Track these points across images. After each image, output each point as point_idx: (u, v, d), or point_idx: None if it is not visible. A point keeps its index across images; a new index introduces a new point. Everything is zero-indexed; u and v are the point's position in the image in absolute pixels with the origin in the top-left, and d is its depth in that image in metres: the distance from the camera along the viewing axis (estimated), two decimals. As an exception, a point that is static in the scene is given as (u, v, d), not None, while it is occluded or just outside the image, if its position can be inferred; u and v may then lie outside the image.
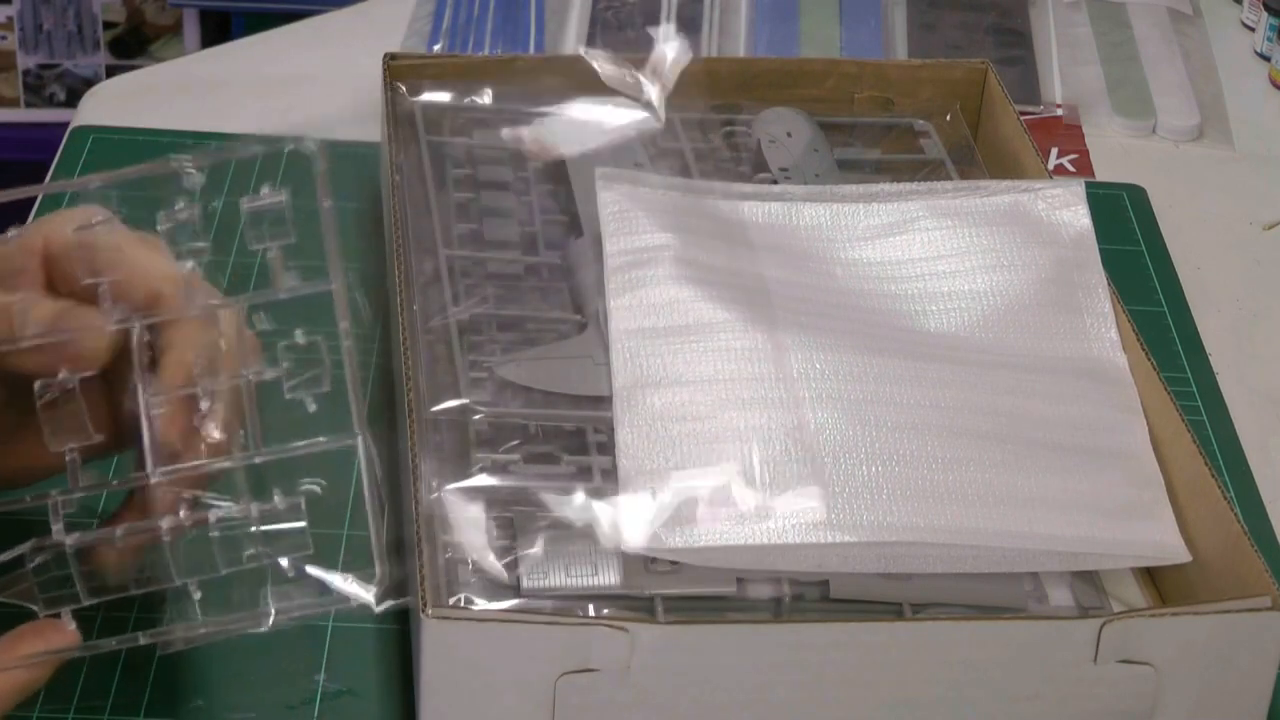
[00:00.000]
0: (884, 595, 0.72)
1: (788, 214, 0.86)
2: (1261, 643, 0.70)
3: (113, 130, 1.06)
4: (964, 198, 0.87)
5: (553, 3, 1.24)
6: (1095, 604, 0.74)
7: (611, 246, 0.82)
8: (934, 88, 1.01)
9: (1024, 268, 0.84)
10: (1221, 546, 0.73)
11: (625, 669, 0.67)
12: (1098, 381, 0.80)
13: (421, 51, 1.17)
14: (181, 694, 0.73)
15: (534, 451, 0.76)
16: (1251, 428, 0.91)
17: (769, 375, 0.76)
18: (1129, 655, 0.69)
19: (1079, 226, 0.86)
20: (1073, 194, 0.87)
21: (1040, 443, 0.77)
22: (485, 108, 0.96)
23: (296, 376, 0.70)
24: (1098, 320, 0.83)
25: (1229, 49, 1.26)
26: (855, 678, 0.69)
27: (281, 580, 0.67)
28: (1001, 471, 0.75)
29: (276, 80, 1.15)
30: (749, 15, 1.25)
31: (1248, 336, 0.98)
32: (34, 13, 2.34)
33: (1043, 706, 0.70)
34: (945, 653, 0.69)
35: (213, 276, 0.74)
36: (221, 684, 0.73)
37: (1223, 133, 1.17)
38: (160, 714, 0.72)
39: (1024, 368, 0.80)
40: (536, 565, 0.71)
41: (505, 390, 0.78)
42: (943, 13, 1.27)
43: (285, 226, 0.72)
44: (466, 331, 0.81)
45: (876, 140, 0.99)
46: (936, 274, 0.84)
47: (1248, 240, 1.07)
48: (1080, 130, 1.16)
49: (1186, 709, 0.70)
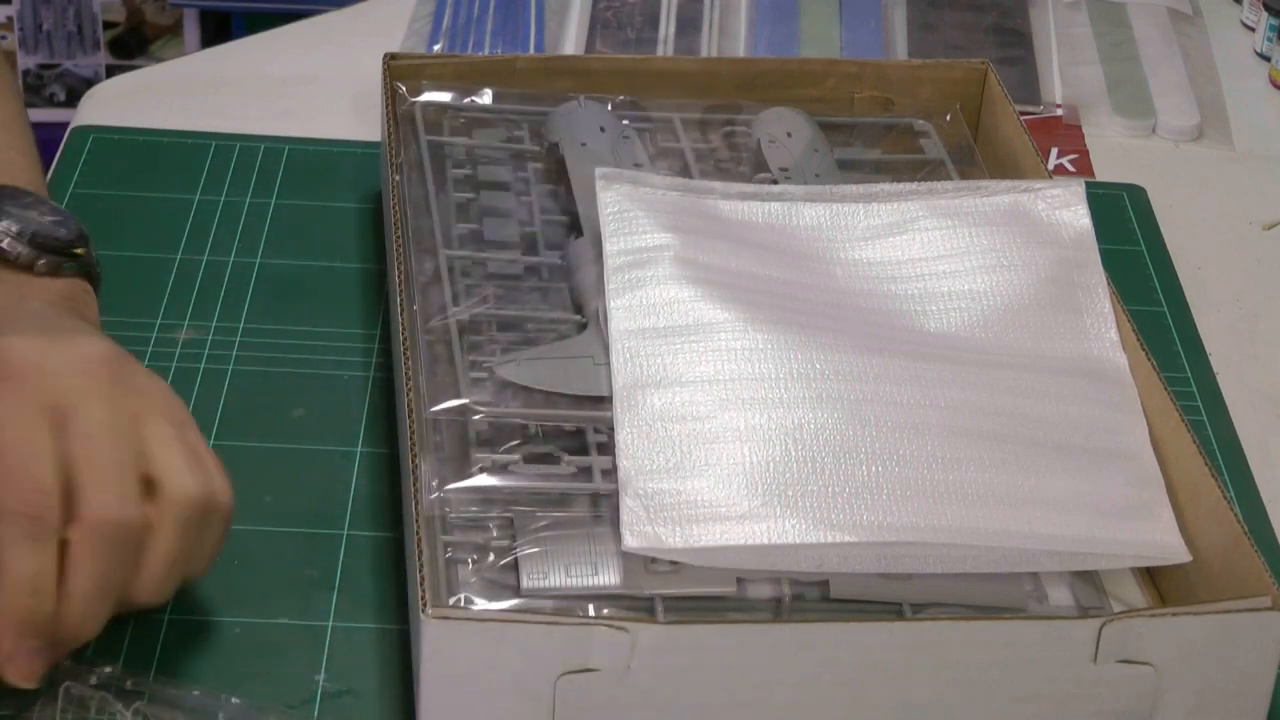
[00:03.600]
0: (884, 595, 0.72)
1: (788, 214, 0.86)
2: (1261, 643, 0.70)
3: (113, 130, 1.06)
4: (964, 198, 0.87)
5: (553, 3, 1.24)
6: (1095, 604, 0.74)
7: (611, 246, 0.82)
8: (934, 88, 1.01)
9: (1024, 268, 0.84)
10: (1221, 546, 0.73)
11: (625, 669, 0.67)
12: (1098, 381, 0.81)
13: (421, 51, 1.17)
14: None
15: (534, 452, 0.76)
16: (1251, 428, 0.91)
17: (769, 375, 0.76)
18: (1129, 655, 0.69)
19: (1079, 226, 0.86)
20: (1072, 194, 0.87)
21: (1040, 443, 0.77)
22: (485, 108, 0.96)
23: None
24: (1098, 320, 0.83)
25: (1229, 49, 1.26)
26: (855, 678, 0.69)
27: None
28: (1001, 471, 0.75)
29: (276, 80, 1.15)
30: (749, 15, 1.26)
31: (1248, 336, 0.98)
32: (34, 13, 2.34)
33: (1043, 706, 0.70)
34: (945, 653, 0.69)
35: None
36: (221, 684, 0.73)
37: (1223, 133, 1.17)
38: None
39: (1024, 368, 0.80)
40: (536, 565, 0.71)
41: (505, 390, 0.78)
42: (943, 13, 1.27)
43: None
44: (466, 331, 0.81)
45: (876, 140, 0.99)
46: (936, 274, 0.84)
47: (1248, 240, 1.07)
48: (1080, 130, 1.16)
49: (1186, 709, 0.70)
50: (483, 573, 0.71)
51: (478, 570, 0.71)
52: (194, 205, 1.00)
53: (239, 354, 0.90)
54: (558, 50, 1.21)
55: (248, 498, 0.82)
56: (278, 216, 1.00)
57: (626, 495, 0.73)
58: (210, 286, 0.94)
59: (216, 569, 0.74)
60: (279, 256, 0.97)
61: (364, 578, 0.78)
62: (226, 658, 0.74)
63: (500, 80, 0.97)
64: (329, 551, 0.80)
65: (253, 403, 0.87)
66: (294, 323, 0.92)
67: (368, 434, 0.86)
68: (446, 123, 0.95)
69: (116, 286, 0.93)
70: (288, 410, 0.87)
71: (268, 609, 0.77)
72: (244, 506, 0.81)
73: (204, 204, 1.01)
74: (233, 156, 1.04)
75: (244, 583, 0.78)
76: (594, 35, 1.22)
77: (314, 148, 1.06)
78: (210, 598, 0.77)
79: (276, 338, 0.91)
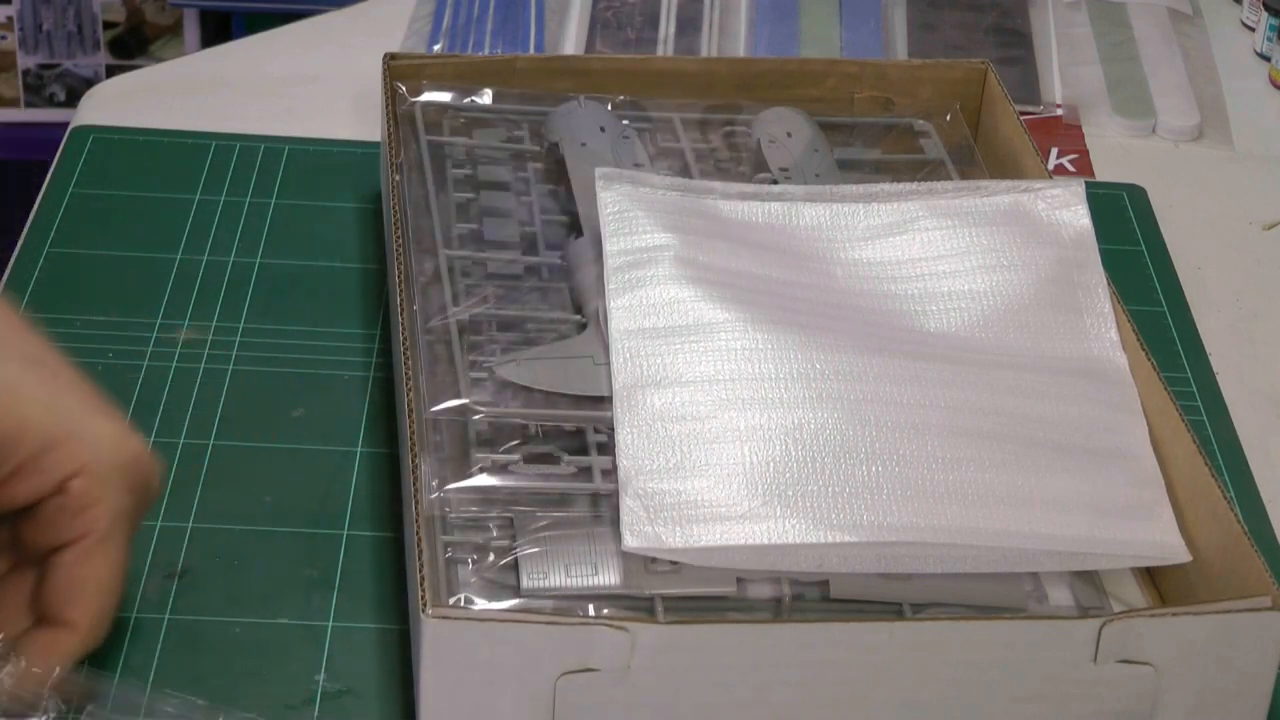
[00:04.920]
0: (884, 595, 0.72)
1: (788, 214, 0.86)
2: (1261, 643, 0.70)
3: (113, 130, 1.06)
4: (964, 198, 0.87)
5: (553, 3, 1.24)
6: (1095, 604, 0.74)
7: (611, 246, 0.82)
8: (934, 88, 1.01)
9: (1024, 267, 0.84)
10: (1221, 546, 0.73)
11: (625, 669, 0.67)
12: (1098, 381, 0.80)
13: (421, 51, 1.17)
14: (182, 694, 0.73)
15: (534, 452, 0.76)
16: (1251, 428, 0.91)
17: (769, 375, 0.76)
18: (1129, 655, 0.69)
19: (1079, 226, 0.86)
20: (1072, 194, 0.87)
21: (1040, 442, 0.77)
22: (485, 108, 0.96)
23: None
24: (1098, 320, 0.83)
25: (1229, 49, 1.26)
26: (855, 678, 0.69)
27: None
28: (1001, 471, 0.75)
29: (276, 80, 1.15)
30: (749, 15, 1.25)
31: (1248, 336, 0.98)
32: (34, 13, 2.34)
33: (1043, 706, 0.70)
34: (945, 653, 0.69)
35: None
36: (222, 684, 0.73)
37: (1223, 133, 1.17)
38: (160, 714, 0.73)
39: (1024, 368, 0.80)
40: (536, 565, 0.71)
41: (505, 390, 0.78)
42: (943, 13, 1.27)
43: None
44: (466, 331, 0.81)
45: (876, 140, 0.99)
46: (936, 274, 0.84)
47: (1248, 240, 1.07)
48: (1080, 130, 1.16)
49: (1186, 709, 0.70)
50: (483, 573, 0.71)
51: (478, 570, 0.71)
52: (194, 205, 1.00)
53: (239, 354, 0.90)
54: (558, 50, 1.21)
55: (248, 498, 0.82)
56: (278, 216, 1.00)
57: (626, 495, 0.73)
58: (210, 286, 0.94)
59: (217, 569, 0.74)
60: (279, 256, 0.97)
61: (364, 578, 0.78)
62: (226, 658, 0.74)
63: (500, 80, 0.97)
64: (329, 551, 0.80)
65: (253, 403, 0.87)
66: (294, 323, 0.92)
67: (368, 434, 0.86)
68: (446, 123, 0.95)
69: (116, 286, 0.94)
70: (288, 410, 0.87)
71: (267, 609, 0.77)
72: (244, 506, 0.81)
73: (204, 204, 1.01)
74: (233, 156, 1.04)
75: (244, 583, 0.78)
76: (594, 35, 1.22)
77: (314, 148, 1.06)
78: (210, 598, 0.77)
79: (276, 338, 0.91)
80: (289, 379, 0.89)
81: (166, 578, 0.78)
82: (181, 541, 0.79)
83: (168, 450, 0.84)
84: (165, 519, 0.80)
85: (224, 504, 0.82)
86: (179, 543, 0.79)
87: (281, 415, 0.87)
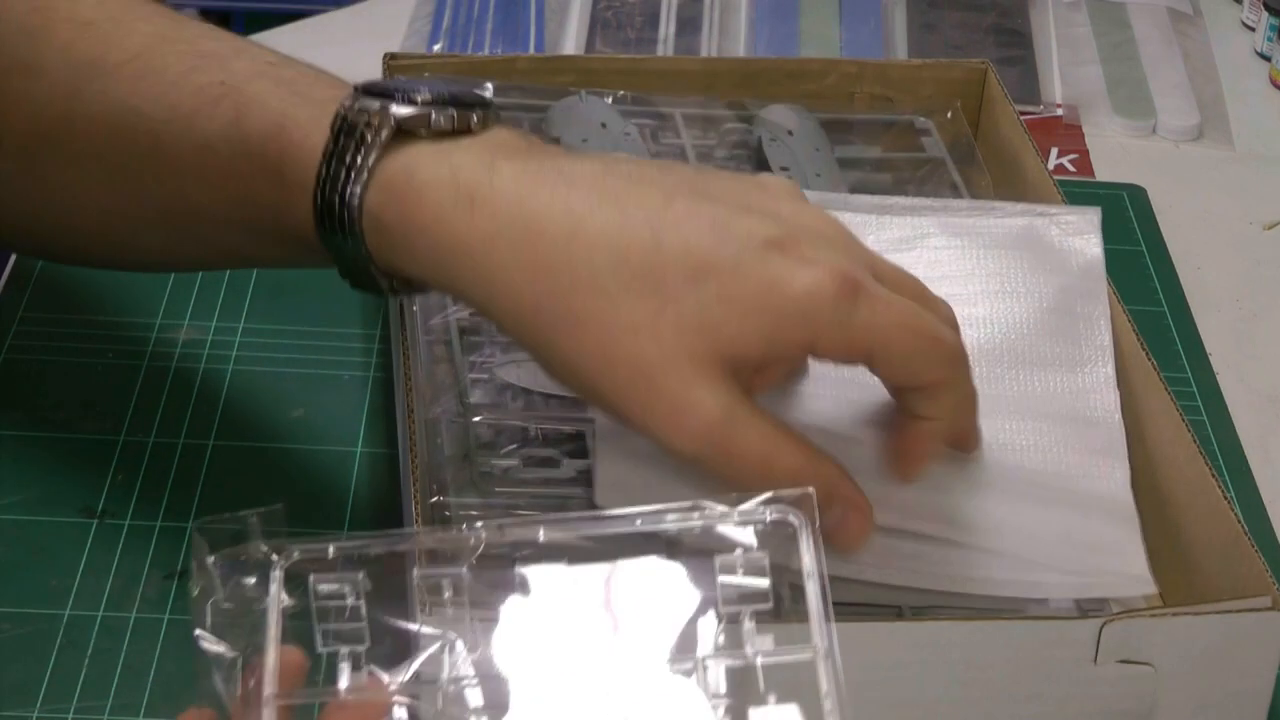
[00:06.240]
0: (884, 597, 0.72)
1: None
2: (1261, 643, 0.70)
3: (113, 130, 1.06)
4: (978, 217, 0.86)
5: (553, 3, 1.24)
6: (1095, 604, 0.74)
7: (612, 246, 0.82)
8: (934, 88, 1.01)
9: (1027, 295, 0.83)
10: (1221, 546, 0.73)
11: (625, 669, 0.67)
12: (1082, 426, 0.79)
13: (421, 51, 1.17)
14: (182, 693, 0.73)
15: (534, 454, 0.76)
16: (1251, 428, 0.91)
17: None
18: (1129, 655, 0.69)
19: (1090, 255, 0.85)
20: (1087, 221, 0.85)
21: (1018, 476, 0.76)
22: (486, 104, 0.96)
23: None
24: (1095, 353, 0.81)
25: (1229, 49, 1.26)
26: (855, 678, 0.69)
27: None
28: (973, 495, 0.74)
29: (276, 80, 1.15)
30: (749, 15, 1.25)
31: (1248, 336, 0.98)
32: (34, 12, 2.33)
33: (1043, 706, 0.70)
34: (945, 653, 0.69)
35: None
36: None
37: (1223, 133, 1.17)
38: (160, 714, 0.72)
39: (1013, 400, 0.79)
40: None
41: (506, 392, 0.78)
42: (943, 13, 1.27)
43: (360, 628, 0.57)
44: (466, 332, 0.81)
45: (877, 138, 0.99)
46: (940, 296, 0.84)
47: (1248, 240, 1.07)
48: (1080, 130, 1.16)
49: (1186, 709, 0.70)
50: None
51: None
52: (194, 205, 1.00)
53: (239, 354, 0.90)
54: (558, 50, 1.20)
55: (248, 497, 0.82)
56: (278, 216, 1.00)
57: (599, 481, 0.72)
58: (210, 286, 0.94)
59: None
60: (279, 256, 0.97)
61: (364, 578, 0.78)
62: (227, 658, 0.74)
63: (500, 80, 0.97)
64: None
65: (253, 403, 0.87)
66: (294, 323, 0.92)
67: (368, 434, 0.86)
68: (447, 122, 0.95)
69: (116, 286, 0.94)
70: (288, 410, 0.87)
71: (268, 609, 0.76)
72: (244, 507, 0.81)
73: (204, 204, 1.00)
74: (233, 156, 1.04)
75: (244, 583, 0.78)
76: (594, 35, 1.22)
77: (314, 148, 1.06)
78: (210, 598, 0.77)
79: (276, 338, 0.91)
80: (289, 379, 0.89)
81: (166, 578, 0.78)
82: (181, 541, 0.79)
83: (168, 450, 0.84)
84: (165, 519, 0.80)
85: (224, 504, 0.81)
86: (179, 543, 0.79)
87: (281, 415, 0.87)
